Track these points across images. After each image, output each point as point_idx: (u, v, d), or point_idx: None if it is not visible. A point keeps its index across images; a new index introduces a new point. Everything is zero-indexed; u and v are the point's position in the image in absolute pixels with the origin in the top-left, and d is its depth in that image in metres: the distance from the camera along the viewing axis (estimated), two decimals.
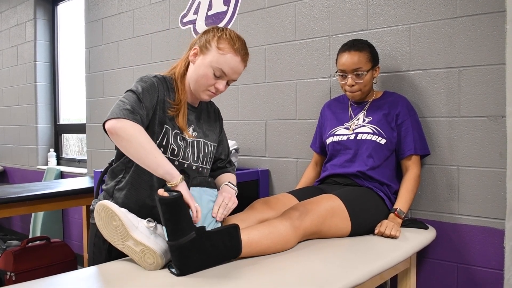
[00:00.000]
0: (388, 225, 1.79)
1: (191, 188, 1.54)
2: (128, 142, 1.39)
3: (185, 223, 1.32)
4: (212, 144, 1.70)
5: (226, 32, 1.57)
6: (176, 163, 1.56)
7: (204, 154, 1.66)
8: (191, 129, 1.63)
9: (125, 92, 1.51)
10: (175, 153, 1.56)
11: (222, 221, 1.54)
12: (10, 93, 5.12)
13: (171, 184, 1.39)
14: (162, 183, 1.45)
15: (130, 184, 1.57)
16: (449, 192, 2.06)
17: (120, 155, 1.60)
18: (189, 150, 1.60)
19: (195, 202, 1.42)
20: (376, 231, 1.80)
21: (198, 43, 1.60)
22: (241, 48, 1.57)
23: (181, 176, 1.42)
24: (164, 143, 1.54)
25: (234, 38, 1.57)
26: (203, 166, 1.66)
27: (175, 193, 1.33)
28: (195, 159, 1.63)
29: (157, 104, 1.54)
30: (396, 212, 1.89)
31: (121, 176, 1.60)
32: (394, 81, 2.20)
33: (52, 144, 4.80)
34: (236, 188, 1.68)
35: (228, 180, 1.72)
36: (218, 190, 1.62)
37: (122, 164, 1.60)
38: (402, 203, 1.92)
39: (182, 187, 1.41)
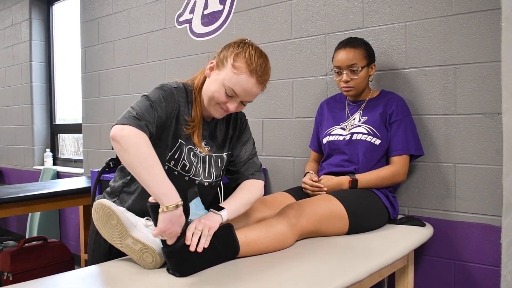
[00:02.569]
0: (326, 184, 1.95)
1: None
2: (125, 152, 1.28)
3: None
4: (226, 153, 1.63)
5: (246, 50, 1.46)
6: (187, 178, 1.53)
7: (217, 169, 1.60)
8: (203, 144, 1.57)
9: (141, 97, 1.43)
10: (186, 168, 1.52)
11: None
12: (5, 93, 5.10)
13: (164, 206, 1.26)
14: None
15: (140, 191, 1.52)
16: (446, 190, 2.06)
17: None
18: (200, 166, 1.55)
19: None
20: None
21: (217, 57, 1.51)
22: (259, 69, 1.45)
23: (172, 203, 1.27)
24: (176, 157, 1.50)
25: (253, 57, 1.44)
26: (216, 180, 1.62)
27: None
28: (206, 175, 1.57)
29: (174, 116, 1.47)
30: (351, 179, 1.92)
31: (129, 177, 1.56)
32: (390, 79, 2.20)
33: (48, 144, 4.78)
34: (221, 214, 1.43)
35: (233, 196, 1.55)
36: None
37: None
38: (364, 176, 1.94)
39: (161, 217, 1.26)
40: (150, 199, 1.31)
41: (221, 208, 1.46)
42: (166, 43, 3.23)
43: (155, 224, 1.29)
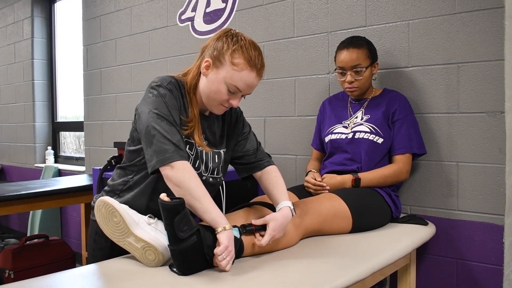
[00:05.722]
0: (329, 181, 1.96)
1: None
2: (177, 187, 1.37)
3: (186, 228, 1.29)
4: (223, 150, 1.63)
5: (242, 44, 1.45)
6: None
7: (214, 164, 1.59)
8: (203, 138, 1.55)
9: (153, 117, 1.41)
10: None
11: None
12: (7, 91, 5.10)
13: (222, 227, 1.33)
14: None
15: (139, 187, 1.53)
16: (449, 188, 2.06)
17: (134, 156, 1.55)
18: (198, 161, 1.54)
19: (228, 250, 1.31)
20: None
21: (211, 53, 1.48)
22: (257, 62, 1.46)
23: (226, 225, 1.33)
24: None
25: (250, 51, 1.45)
26: (214, 176, 1.60)
27: (178, 199, 1.30)
28: (203, 168, 1.56)
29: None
30: (354, 177, 1.92)
31: (130, 176, 1.56)
32: (393, 77, 2.20)
33: (50, 142, 4.79)
34: (294, 212, 1.54)
35: (279, 186, 1.61)
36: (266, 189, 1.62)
37: (134, 166, 1.55)
38: (367, 175, 1.94)
39: (223, 236, 1.31)
40: (161, 196, 1.28)
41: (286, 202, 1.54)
42: (168, 41, 3.23)
43: (164, 222, 1.28)
